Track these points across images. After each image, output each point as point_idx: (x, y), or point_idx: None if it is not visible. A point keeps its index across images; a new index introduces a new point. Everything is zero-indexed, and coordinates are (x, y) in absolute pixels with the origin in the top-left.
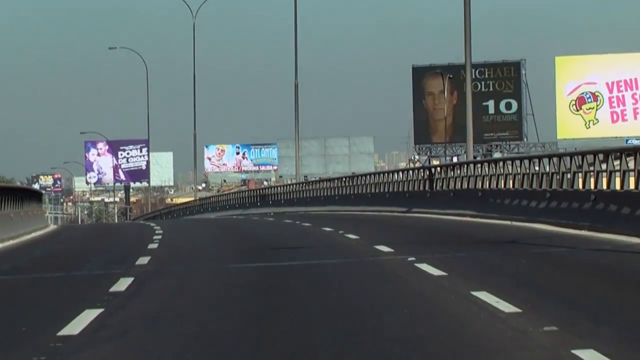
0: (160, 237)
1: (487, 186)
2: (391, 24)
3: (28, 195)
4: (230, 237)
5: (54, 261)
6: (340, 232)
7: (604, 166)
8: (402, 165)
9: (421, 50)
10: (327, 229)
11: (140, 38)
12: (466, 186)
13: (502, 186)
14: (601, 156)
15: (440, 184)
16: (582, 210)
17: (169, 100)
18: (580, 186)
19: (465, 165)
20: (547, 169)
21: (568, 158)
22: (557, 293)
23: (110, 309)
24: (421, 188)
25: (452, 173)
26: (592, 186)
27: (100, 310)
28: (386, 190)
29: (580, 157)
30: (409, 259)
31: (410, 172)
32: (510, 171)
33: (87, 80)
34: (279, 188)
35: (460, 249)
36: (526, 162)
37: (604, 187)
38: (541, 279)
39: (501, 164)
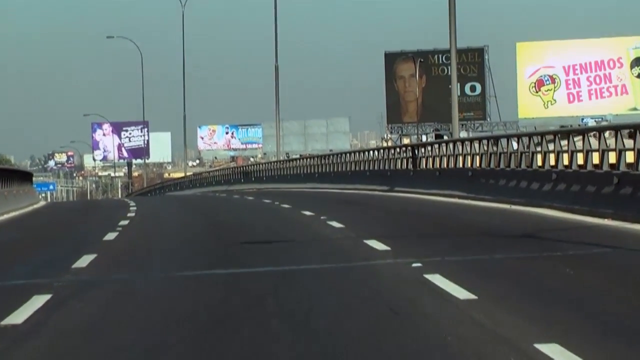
0: (127, 222)
1: (478, 165)
2: (364, 11)
3: (17, 176)
4: (202, 224)
5: None
6: (322, 217)
7: (629, 143)
8: (373, 142)
9: (392, 37)
10: (308, 212)
11: (136, 27)
12: (453, 165)
13: (495, 165)
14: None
15: (425, 163)
16: (601, 195)
17: (168, 85)
18: (592, 165)
19: (452, 144)
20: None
21: (579, 136)
22: None
23: None
24: (404, 166)
25: (437, 151)
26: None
27: None
28: (367, 168)
29: (604, 133)
30: (414, 264)
31: (392, 150)
32: (505, 149)
33: (88, 67)
34: (261, 165)
35: (472, 247)
36: (525, 139)
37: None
38: (627, 315)
39: (492, 142)
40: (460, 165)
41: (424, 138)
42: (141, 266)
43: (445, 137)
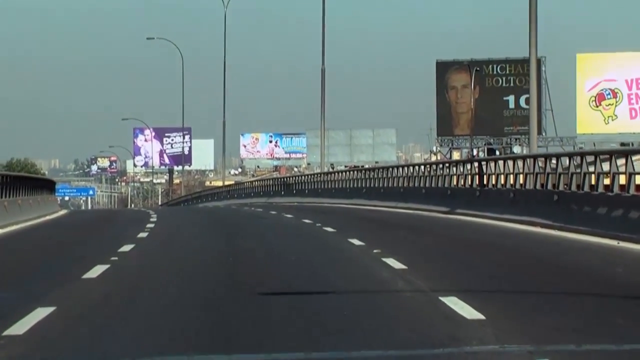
0: (132, 246)
1: (565, 187)
2: (414, 19)
3: (28, 184)
4: (220, 254)
5: None
6: (375, 251)
7: None
8: (417, 155)
9: (441, 46)
10: (357, 242)
11: (177, 29)
12: (531, 185)
13: (590, 188)
14: None
15: (494, 181)
16: None
17: (211, 91)
18: None
19: (532, 159)
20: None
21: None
22: None
23: None
24: (468, 185)
25: (510, 168)
26: None
27: None
28: (422, 184)
29: None
30: None
31: (453, 165)
32: (605, 169)
33: (129, 70)
34: (303, 177)
35: (613, 320)
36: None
37: None
38: None
39: (590, 158)
40: (540, 186)
41: (474, 152)
42: (99, 339)
43: (497, 153)
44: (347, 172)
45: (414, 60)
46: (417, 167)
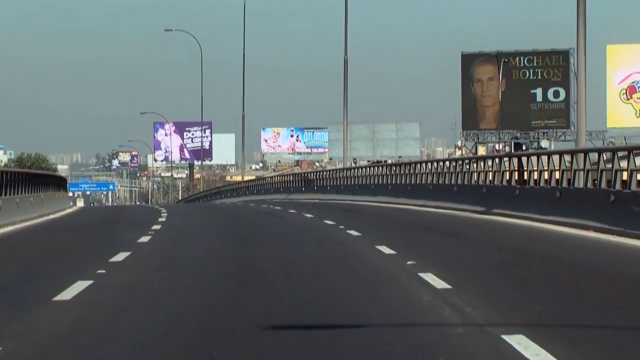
0: (127, 254)
1: (627, 186)
2: (438, 11)
3: (32, 181)
4: (229, 264)
5: None
6: (409, 262)
7: None
8: (440, 150)
9: (466, 38)
10: (386, 249)
11: (196, 22)
12: (582, 183)
13: None
14: None
15: (536, 178)
16: None
17: (233, 85)
18: None
19: (582, 154)
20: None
21: None
22: None
23: None
24: (506, 182)
25: (555, 163)
26: None
27: None
28: (453, 181)
29: None
30: None
31: (489, 159)
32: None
33: (144, 62)
34: (325, 173)
35: None
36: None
37: None
38: None
39: None
40: (592, 184)
41: (499, 147)
42: None
43: (524, 147)
44: (371, 168)
45: (438, 52)
46: (446, 163)
